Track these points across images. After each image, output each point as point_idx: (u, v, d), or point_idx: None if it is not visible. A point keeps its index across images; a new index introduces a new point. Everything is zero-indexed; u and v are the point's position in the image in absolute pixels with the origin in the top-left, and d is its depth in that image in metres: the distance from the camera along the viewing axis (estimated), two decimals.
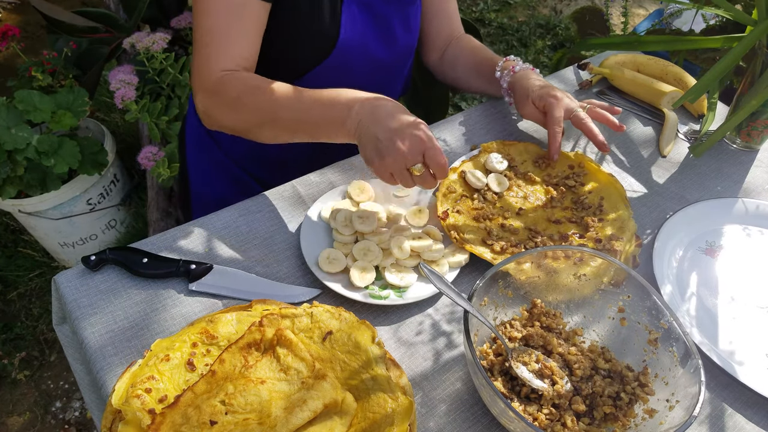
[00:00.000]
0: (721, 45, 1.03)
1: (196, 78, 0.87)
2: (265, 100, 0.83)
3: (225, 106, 0.85)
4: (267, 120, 0.84)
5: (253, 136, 0.88)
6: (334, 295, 0.78)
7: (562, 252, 0.73)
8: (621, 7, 3.21)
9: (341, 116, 0.79)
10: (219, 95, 0.85)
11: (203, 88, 0.86)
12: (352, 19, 0.92)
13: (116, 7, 2.01)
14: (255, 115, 0.84)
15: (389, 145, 0.75)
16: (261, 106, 0.83)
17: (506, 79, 1.01)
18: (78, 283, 0.77)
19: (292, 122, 0.83)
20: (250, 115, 0.85)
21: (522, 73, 0.99)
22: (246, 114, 0.85)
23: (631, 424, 0.65)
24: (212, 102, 0.86)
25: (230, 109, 0.85)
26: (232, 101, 0.84)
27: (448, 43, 1.13)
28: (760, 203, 0.94)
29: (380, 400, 0.62)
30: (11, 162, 1.50)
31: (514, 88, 1.00)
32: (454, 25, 1.14)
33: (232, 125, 0.88)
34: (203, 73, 0.86)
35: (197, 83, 0.87)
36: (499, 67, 1.02)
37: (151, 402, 0.60)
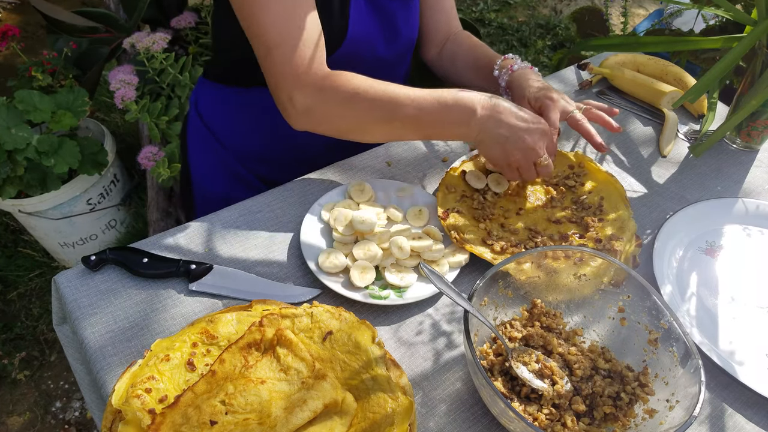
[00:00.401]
0: (721, 45, 1.03)
1: (290, 76, 0.81)
2: (384, 96, 0.82)
3: (338, 103, 0.82)
4: (385, 117, 0.83)
5: (362, 133, 0.86)
6: (334, 295, 0.78)
7: (562, 252, 0.73)
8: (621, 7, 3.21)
9: (464, 117, 0.82)
10: (331, 91, 0.81)
11: (307, 85, 0.81)
12: (360, 14, 0.92)
13: (116, 7, 2.01)
14: (371, 112, 0.82)
15: (518, 143, 0.82)
16: (379, 103, 0.82)
17: (504, 78, 1.00)
18: (78, 283, 0.77)
19: (411, 120, 0.82)
20: (366, 111, 0.82)
21: (520, 72, 0.98)
22: (362, 110, 0.82)
23: (631, 424, 0.65)
24: (320, 100, 0.82)
25: (344, 105, 0.82)
26: (349, 97, 0.81)
27: (446, 39, 1.13)
28: (760, 203, 0.94)
29: (380, 400, 0.62)
30: (11, 162, 1.50)
31: (511, 88, 0.99)
32: (452, 20, 1.13)
33: (343, 123, 0.85)
34: (302, 70, 0.80)
35: (295, 81, 0.81)
36: (498, 66, 1.01)
37: (151, 402, 0.60)
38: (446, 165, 0.99)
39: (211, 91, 1.08)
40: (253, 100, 1.02)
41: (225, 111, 1.06)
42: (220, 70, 1.06)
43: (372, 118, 0.84)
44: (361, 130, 0.86)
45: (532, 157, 0.83)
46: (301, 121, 0.84)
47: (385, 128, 0.85)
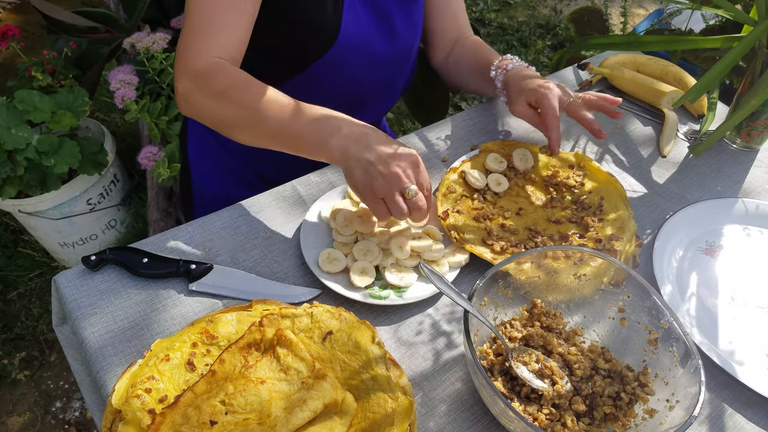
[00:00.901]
0: (720, 45, 1.03)
1: (180, 60, 0.83)
2: (252, 98, 0.80)
3: (208, 95, 0.81)
4: (249, 119, 0.81)
5: (230, 133, 0.84)
6: (334, 295, 0.78)
7: (562, 252, 0.73)
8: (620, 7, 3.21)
9: (327, 134, 0.77)
10: (204, 82, 0.81)
11: (188, 73, 0.82)
12: (354, 12, 0.92)
13: (116, 7, 2.01)
14: (238, 112, 0.81)
15: (383, 169, 0.74)
16: (247, 104, 0.80)
17: (500, 79, 0.99)
18: (78, 283, 0.77)
19: (275, 127, 0.79)
20: (233, 110, 0.81)
21: (515, 71, 0.96)
22: (229, 108, 0.81)
23: (631, 424, 0.65)
24: (195, 88, 0.82)
25: (213, 99, 0.81)
26: (218, 92, 0.81)
27: (454, 44, 1.12)
28: (760, 203, 0.94)
29: (380, 400, 0.62)
30: (11, 162, 1.50)
31: (507, 87, 0.97)
32: (461, 25, 1.11)
33: (210, 116, 0.84)
34: (190, 57, 0.82)
35: (181, 66, 0.83)
36: (494, 66, 1.00)
37: (151, 402, 0.60)
38: (446, 165, 0.99)
39: None
40: None
41: None
42: None
43: (237, 118, 0.82)
44: (229, 128, 0.84)
45: (396, 184, 0.74)
46: (181, 107, 0.85)
47: (252, 132, 0.82)
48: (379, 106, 1.11)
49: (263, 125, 0.80)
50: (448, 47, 1.12)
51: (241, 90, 0.80)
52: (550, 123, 0.91)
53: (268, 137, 0.81)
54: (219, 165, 1.12)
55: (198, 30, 0.83)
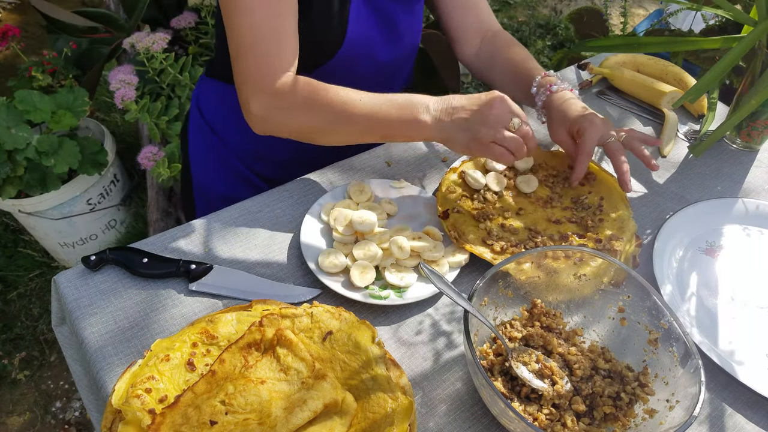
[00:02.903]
0: (720, 45, 1.03)
1: (251, 82, 0.83)
2: (336, 101, 0.82)
3: (294, 108, 0.83)
4: (340, 120, 0.83)
5: (318, 138, 0.87)
6: (334, 295, 0.78)
7: (562, 252, 0.73)
8: (620, 8, 3.21)
9: (417, 113, 0.83)
10: (285, 98, 0.82)
11: (264, 91, 0.82)
12: (360, 19, 0.92)
13: (116, 7, 2.01)
14: (327, 117, 0.83)
15: (481, 118, 0.80)
16: (334, 107, 0.82)
17: (541, 98, 0.96)
18: (78, 283, 0.77)
19: (366, 121, 0.83)
20: (321, 116, 0.83)
21: (560, 95, 0.94)
22: (317, 116, 0.83)
23: (631, 424, 0.65)
24: (278, 104, 0.83)
25: (300, 110, 0.83)
26: (304, 102, 0.83)
27: (480, 37, 1.09)
28: (760, 203, 0.94)
29: (380, 400, 0.62)
30: (11, 162, 1.50)
31: (549, 109, 0.95)
32: (483, 17, 1.09)
33: (298, 127, 0.85)
34: (262, 77, 0.82)
35: (254, 86, 0.83)
36: (536, 83, 0.97)
37: (151, 402, 0.60)
38: (446, 165, 0.99)
39: (212, 88, 1.08)
40: None
41: (226, 109, 1.06)
42: (222, 68, 1.06)
43: (327, 123, 0.84)
44: (319, 134, 0.86)
45: (499, 124, 0.80)
46: (259, 126, 0.86)
47: (344, 131, 0.85)
48: None
49: (354, 122, 0.83)
50: (476, 41, 1.09)
51: (324, 96, 0.83)
52: (580, 159, 0.89)
53: (360, 134, 0.85)
54: (219, 165, 1.12)
55: (260, 49, 0.82)
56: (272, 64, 0.82)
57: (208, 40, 1.89)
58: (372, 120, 0.83)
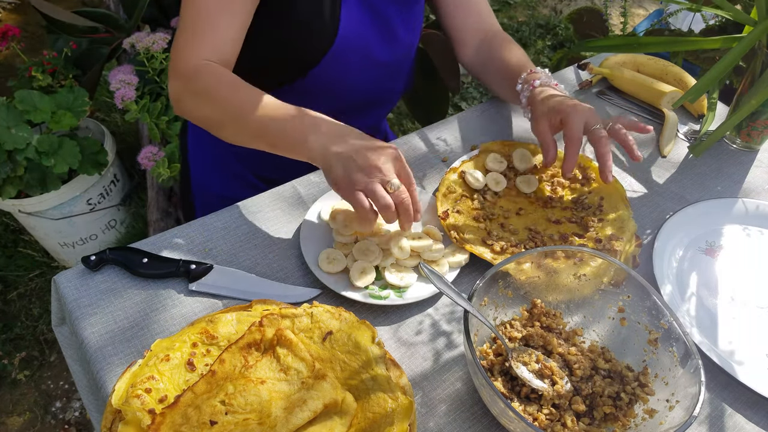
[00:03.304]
0: (720, 45, 1.03)
1: (173, 61, 0.85)
2: (234, 97, 0.82)
3: (194, 95, 0.84)
4: (232, 118, 0.82)
5: (216, 132, 0.86)
6: (334, 295, 0.78)
7: (562, 252, 0.73)
8: (620, 8, 3.21)
9: (306, 132, 0.78)
10: (191, 83, 0.83)
11: (178, 73, 0.84)
12: (352, 16, 0.92)
13: (116, 7, 2.01)
14: (221, 111, 0.83)
15: (363, 162, 0.73)
16: (228, 103, 0.82)
17: (525, 95, 0.93)
18: (78, 283, 0.77)
19: (255, 125, 0.81)
20: (216, 109, 0.83)
21: (541, 89, 0.91)
22: (212, 108, 0.83)
23: (631, 424, 0.65)
24: (183, 89, 0.84)
25: (199, 99, 0.84)
26: (202, 92, 0.83)
27: (480, 38, 1.08)
28: (760, 203, 0.94)
29: (380, 400, 0.62)
30: (11, 162, 1.50)
31: (532, 104, 0.92)
32: (484, 18, 1.08)
33: (197, 116, 0.86)
34: (181, 58, 0.84)
35: (173, 67, 0.85)
36: (521, 80, 0.95)
37: (151, 402, 0.60)
38: (446, 165, 0.99)
39: None
40: None
41: None
42: None
43: (220, 117, 0.84)
44: (214, 127, 0.86)
45: (376, 176, 0.73)
46: (174, 107, 0.88)
47: (234, 130, 0.84)
48: (379, 110, 1.11)
49: (245, 124, 0.81)
50: (475, 42, 1.08)
51: (224, 90, 0.82)
52: (568, 146, 0.85)
53: (251, 137, 0.83)
54: (219, 165, 1.12)
55: (190, 31, 0.84)
56: (194, 49, 0.83)
57: None
58: (262, 128, 0.80)
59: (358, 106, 1.05)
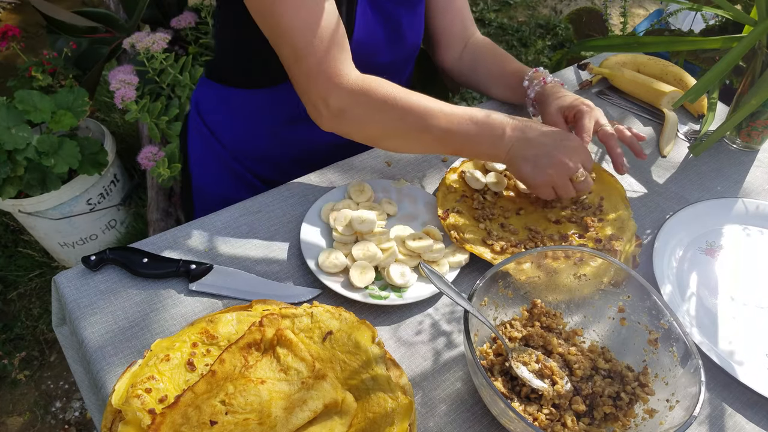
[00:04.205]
0: (721, 45, 1.03)
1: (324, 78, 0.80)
2: (417, 105, 0.81)
3: (372, 107, 0.81)
4: (416, 127, 0.82)
5: (392, 141, 0.85)
6: (334, 295, 0.78)
7: (562, 252, 0.73)
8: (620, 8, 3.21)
9: (494, 136, 0.82)
10: (367, 95, 0.81)
11: (343, 87, 0.80)
12: (365, 20, 0.92)
13: (116, 7, 2.01)
14: (403, 121, 0.81)
15: (551, 160, 0.80)
16: (412, 112, 0.81)
17: (535, 89, 0.99)
18: (78, 283, 0.77)
19: (442, 133, 0.81)
20: (398, 119, 0.81)
21: (552, 86, 0.98)
22: (394, 118, 0.81)
23: (631, 424, 0.65)
24: (356, 102, 0.81)
25: (378, 110, 0.81)
26: (382, 102, 0.81)
27: (464, 43, 1.12)
28: (760, 203, 0.94)
29: (380, 400, 0.62)
30: (11, 162, 1.50)
31: (541, 100, 0.98)
32: (467, 23, 1.12)
33: (372, 128, 0.84)
34: (336, 72, 0.80)
35: (328, 82, 0.80)
36: (528, 77, 1.01)
37: (151, 402, 0.60)
38: (446, 165, 0.99)
39: (212, 91, 1.08)
40: (254, 101, 1.02)
41: (226, 111, 1.06)
42: (221, 71, 1.06)
43: (403, 127, 0.82)
44: (392, 138, 0.85)
45: (565, 172, 0.81)
46: (332, 123, 0.84)
47: (415, 139, 0.84)
48: None
49: (429, 134, 0.82)
50: (459, 46, 1.12)
51: (404, 100, 0.81)
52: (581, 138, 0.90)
53: (432, 145, 0.84)
54: (219, 166, 1.12)
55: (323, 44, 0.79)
56: (339, 59, 0.81)
57: (208, 40, 1.89)
58: (449, 134, 0.82)
59: None
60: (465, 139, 0.82)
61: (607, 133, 0.90)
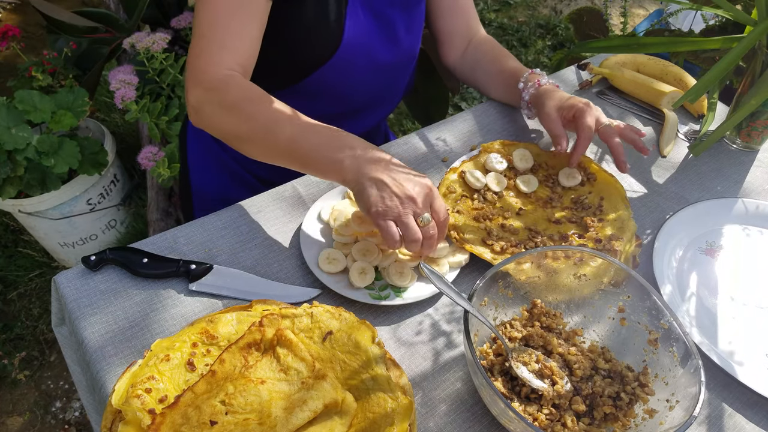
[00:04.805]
0: (721, 45, 1.03)
1: (192, 70, 0.83)
2: (265, 113, 0.79)
3: (221, 107, 0.81)
4: (261, 134, 0.80)
5: (240, 146, 0.83)
6: (334, 295, 0.78)
7: (562, 252, 0.73)
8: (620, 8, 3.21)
9: (340, 153, 0.75)
10: (217, 94, 0.81)
11: (200, 84, 0.82)
12: (357, 20, 0.92)
13: (116, 7, 2.01)
14: (250, 126, 0.80)
15: (399, 191, 0.72)
16: (260, 118, 0.79)
17: (530, 91, 0.99)
18: (78, 283, 0.77)
19: (286, 144, 0.78)
20: (245, 124, 0.80)
21: (548, 88, 0.97)
22: (241, 122, 0.80)
23: (631, 424, 0.65)
24: (207, 99, 0.81)
25: (225, 111, 0.81)
26: (230, 104, 0.80)
27: (467, 43, 1.12)
28: (760, 203, 0.94)
29: (380, 400, 0.62)
30: (11, 162, 1.50)
31: (536, 102, 0.97)
32: (472, 23, 1.11)
33: (221, 129, 0.83)
34: (203, 68, 0.82)
35: (193, 76, 0.82)
36: (524, 79, 1.00)
37: (151, 402, 0.60)
38: (446, 165, 0.99)
39: None
40: None
41: None
42: None
43: (248, 132, 0.80)
44: (238, 141, 0.82)
45: (410, 206, 0.72)
46: (193, 118, 0.85)
47: (262, 146, 0.81)
48: (380, 111, 1.11)
49: (275, 141, 0.79)
50: (462, 45, 1.12)
51: (254, 104, 0.80)
52: (581, 136, 0.89)
53: (279, 153, 0.80)
54: (218, 167, 1.12)
55: (210, 39, 0.82)
56: (214, 58, 0.82)
57: None
58: (293, 147, 0.78)
59: (361, 107, 1.05)
60: (308, 153, 0.77)
61: (608, 130, 0.89)
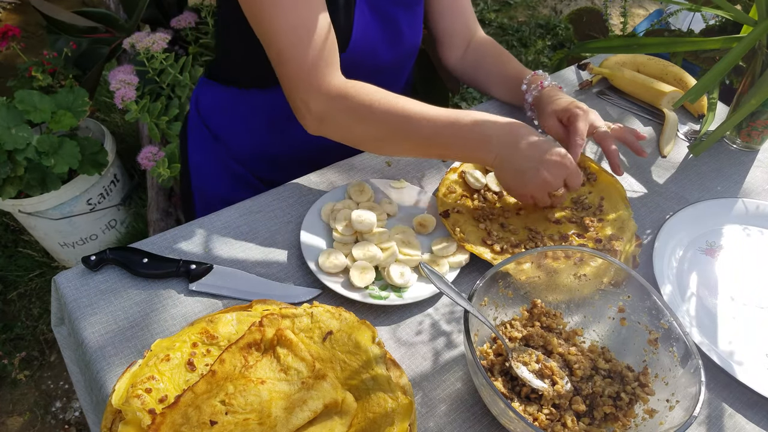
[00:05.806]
0: (720, 45, 1.03)
1: (307, 81, 0.80)
2: (398, 112, 0.80)
3: (352, 112, 0.81)
4: (397, 133, 0.81)
5: (376, 146, 0.85)
6: (334, 295, 0.78)
7: (562, 252, 0.73)
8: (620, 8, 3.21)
9: (480, 142, 0.80)
10: (347, 100, 0.80)
11: (321, 92, 0.81)
12: (364, 21, 0.92)
13: (116, 7, 2.01)
14: (384, 127, 0.81)
15: (534, 176, 0.79)
16: (393, 118, 0.80)
17: (533, 93, 1.00)
18: (78, 283, 0.77)
19: (424, 139, 0.81)
20: (378, 125, 0.81)
21: (549, 90, 0.99)
22: (374, 123, 0.81)
23: (631, 424, 0.65)
24: (337, 107, 0.81)
25: (357, 116, 0.81)
26: (363, 108, 0.80)
27: (467, 43, 1.12)
28: (760, 203, 0.94)
29: (380, 400, 0.62)
30: (11, 162, 1.50)
31: (538, 104, 0.99)
32: (470, 23, 1.12)
33: (353, 134, 0.84)
34: (317, 75, 0.80)
35: (310, 86, 0.80)
36: (527, 81, 1.01)
37: (151, 402, 0.60)
38: (446, 165, 0.99)
39: (212, 91, 1.08)
40: (254, 101, 1.02)
41: (226, 111, 1.06)
42: (221, 71, 1.06)
43: (384, 133, 0.82)
44: (374, 143, 0.85)
45: (547, 189, 0.82)
46: (315, 126, 0.85)
47: (399, 144, 0.84)
48: None
49: (415, 134, 0.81)
50: (462, 46, 1.12)
51: (383, 105, 0.81)
52: (573, 141, 0.90)
53: (418, 148, 0.84)
54: (219, 166, 1.12)
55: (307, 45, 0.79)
56: (321, 62, 0.80)
57: (208, 40, 1.89)
58: (433, 140, 0.81)
59: None
60: (449, 144, 0.81)
61: (602, 135, 0.90)
